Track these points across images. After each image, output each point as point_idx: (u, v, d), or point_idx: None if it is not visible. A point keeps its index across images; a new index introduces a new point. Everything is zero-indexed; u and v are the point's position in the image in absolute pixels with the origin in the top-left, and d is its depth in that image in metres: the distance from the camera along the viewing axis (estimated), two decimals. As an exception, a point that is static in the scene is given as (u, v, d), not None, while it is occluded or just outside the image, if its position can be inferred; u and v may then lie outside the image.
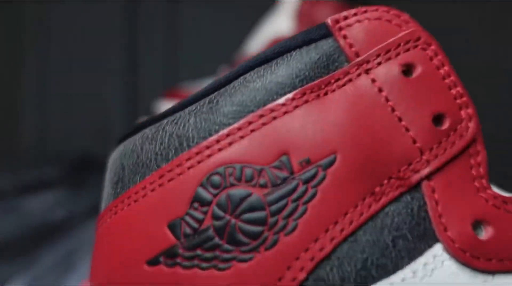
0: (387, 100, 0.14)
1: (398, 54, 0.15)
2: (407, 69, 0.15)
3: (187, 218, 0.14)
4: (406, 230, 0.14)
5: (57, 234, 0.30)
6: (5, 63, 0.50)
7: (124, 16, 0.49)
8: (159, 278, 0.14)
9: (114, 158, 0.17)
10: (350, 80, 0.15)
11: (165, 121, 0.15)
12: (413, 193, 0.14)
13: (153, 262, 0.14)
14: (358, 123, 0.14)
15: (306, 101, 0.14)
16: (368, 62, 0.15)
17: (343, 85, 0.15)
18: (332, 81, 0.15)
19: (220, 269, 0.13)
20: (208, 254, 0.14)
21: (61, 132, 0.48)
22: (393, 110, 0.14)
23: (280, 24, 0.37)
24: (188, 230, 0.14)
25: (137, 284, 0.14)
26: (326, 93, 0.15)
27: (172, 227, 0.14)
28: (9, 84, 0.50)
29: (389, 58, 0.15)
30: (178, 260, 0.14)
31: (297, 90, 0.14)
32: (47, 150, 0.49)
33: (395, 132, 0.14)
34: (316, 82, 0.15)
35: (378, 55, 0.15)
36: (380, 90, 0.15)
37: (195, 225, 0.14)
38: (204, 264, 0.14)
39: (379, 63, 0.15)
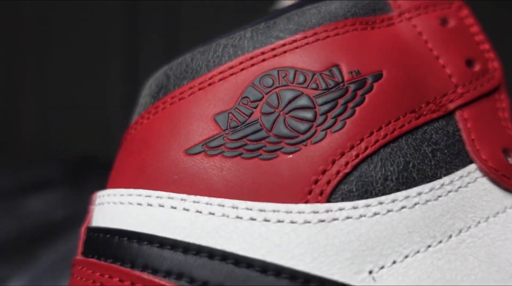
0: (426, 42, 0.16)
1: (434, 11, 0.17)
2: (442, 21, 0.17)
3: (235, 111, 0.14)
4: (443, 146, 0.14)
5: (57, 234, 0.30)
6: (5, 63, 0.49)
7: (124, 15, 0.48)
8: (198, 165, 0.14)
9: (150, 82, 0.17)
10: (393, 23, 0.16)
11: (219, 40, 0.16)
12: (448, 119, 0.15)
13: (194, 150, 0.14)
14: (401, 52, 0.16)
15: (355, 30, 0.16)
16: (409, 12, 0.17)
17: (387, 26, 0.16)
18: (378, 21, 0.16)
19: (263, 159, 0.14)
20: (253, 145, 0.14)
21: (62, 132, 0.47)
22: (431, 50, 0.16)
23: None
24: (234, 122, 0.14)
25: (172, 170, 0.14)
26: (372, 28, 0.16)
27: (219, 119, 0.14)
28: (9, 84, 0.49)
29: (427, 13, 0.17)
30: (222, 148, 0.14)
31: (348, 19, 0.16)
32: (48, 149, 0.47)
33: (433, 67, 0.16)
34: (365, 17, 0.16)
35: (418, 8, 0.17)
36: (420, 34, 0.16)
37: (243, 117, 0.14)
38: (248, 154, 0.14)
39: (419, 15, 0.17)
